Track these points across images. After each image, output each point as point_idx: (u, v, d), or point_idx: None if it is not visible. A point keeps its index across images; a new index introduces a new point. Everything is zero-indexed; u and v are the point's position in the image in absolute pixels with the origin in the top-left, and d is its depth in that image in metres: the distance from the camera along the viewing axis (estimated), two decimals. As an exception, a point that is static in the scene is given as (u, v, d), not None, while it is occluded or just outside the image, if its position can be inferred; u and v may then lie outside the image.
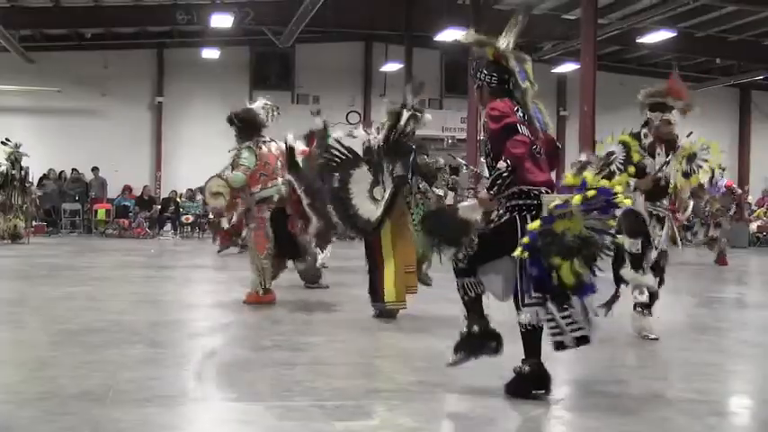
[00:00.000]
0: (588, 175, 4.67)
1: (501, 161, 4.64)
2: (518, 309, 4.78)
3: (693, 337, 7.56)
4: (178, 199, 23.97)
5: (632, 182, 6.61)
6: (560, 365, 5.42)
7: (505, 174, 4.62)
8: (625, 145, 6.95)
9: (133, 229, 22.69)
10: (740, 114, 28.67)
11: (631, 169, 6.29)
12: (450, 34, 21.18)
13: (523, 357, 4.79)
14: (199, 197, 21.93)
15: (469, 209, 4.86)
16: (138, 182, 24.49)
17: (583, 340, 4.75)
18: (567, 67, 24.11)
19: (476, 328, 4.87)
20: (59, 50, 24.90)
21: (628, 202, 4.77)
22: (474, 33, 5.21)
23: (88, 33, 24.47)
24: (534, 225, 4.54)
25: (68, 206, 23.21)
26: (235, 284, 10.01)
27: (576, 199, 4.52)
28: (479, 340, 4.88)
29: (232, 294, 9.26)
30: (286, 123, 9.25)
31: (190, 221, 23.22)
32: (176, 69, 25.64)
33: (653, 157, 7.05)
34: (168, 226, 23.43)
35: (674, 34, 21.03)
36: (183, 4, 21.96)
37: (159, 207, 23.96)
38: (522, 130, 4.68)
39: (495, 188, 4.65)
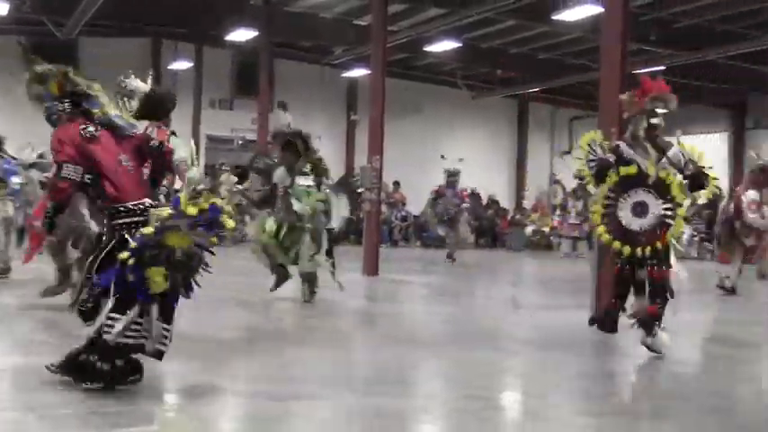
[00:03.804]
0: (183, 196, 4.76)
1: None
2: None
3: (472, 337, 7.89)
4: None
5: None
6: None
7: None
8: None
9: None
10: (518, 124, 30.18)
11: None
12: (242, 34, 21.04)
13: (93, 351, 4.73)
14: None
15: None
16: None
17: (138, 348, 4.75)
18: (358, 72, 24.51)
19: (105, 365, 4.69)
20: None
21: (230, 224, 4.79)
22: (35, 70, 5.10)
23: None
24: (147, 231, 4.57)
25: None
26: None
27: (191, 210, 4.56)
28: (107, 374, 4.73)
29: None
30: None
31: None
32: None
33: None
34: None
35: (459, 45, 21.86)
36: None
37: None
38: (68, 169, 4.71)
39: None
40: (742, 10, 18.01)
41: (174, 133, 7.93)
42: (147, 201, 4.79)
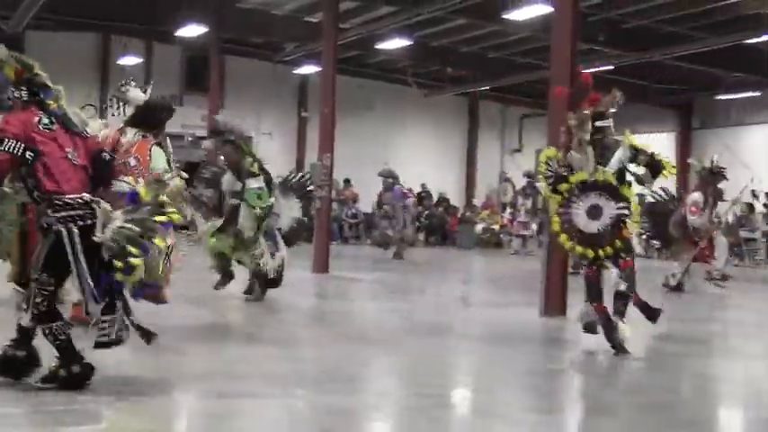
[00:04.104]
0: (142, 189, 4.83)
1: None
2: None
3: (423, 334, 7.92)
4: None
5: None
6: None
7: None
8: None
9: None
10: (469, 122, 30.32)
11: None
12: (192, 30, 20.85)
13: (63, 362, 4.73)
14: None
15: None
16: None
17: (117, 341, 4.80)
18: (309, 69, 24.42)
19: (76, 368, 4.72)
20: None
21: (178, 218, 4.91)
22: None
23: None
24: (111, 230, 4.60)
25: None
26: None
27: (145, 194, 4.71)
28: (83, 376, 4.75)
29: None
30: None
31: None
32: None
33: None
34: None
35: (411, 43, 21.91)
36: None
37: None
38: (9, 143, 4.64)
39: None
40: (689, 12, 18.29)
41: (159, 144, 7.79)
42: (87, 196, 4.72)
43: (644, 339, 7.76)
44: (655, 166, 7.02)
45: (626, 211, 6.81)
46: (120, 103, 7.60)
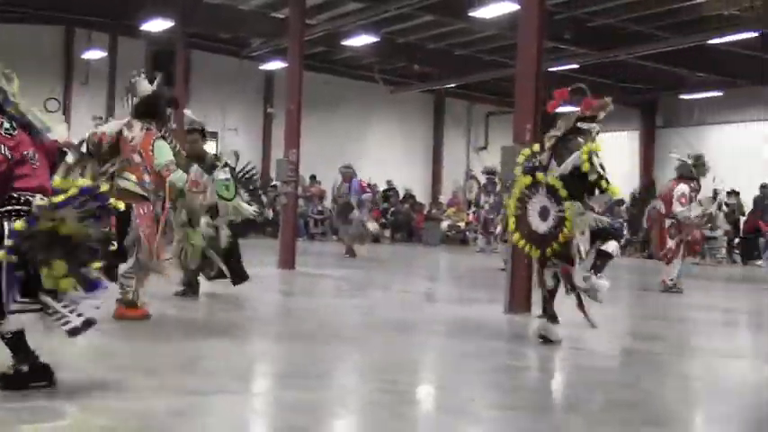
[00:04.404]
0: (57, 179, 4.73)
1: None
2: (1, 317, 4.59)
3: (388, 331, 7.93)
4: None
5: None
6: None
7: None
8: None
9: None
10: (435, 119, 30.39)
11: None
12: (157, 24, 20.70)
13: (16, 360, 4.65)
14: None
15: None
16: None
17: (87, 324, 4.66)
18: (275, 65, 24.34)
19: (24, 367, 4.64)
20: None
21: (120, 205, 4.82)
22: None
23: None
24: (18, 225, 4.45)
25: None
26: None
27: (56, 198, 4.51)
28: (31, 376, 4.65)
29: None
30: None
31: None
32: None
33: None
34: None
35: (377, 39, 21.91)
36: None
37: None
38: None
39: None
40: (654, 11, 18.48)
41: (163, 137, 7.71)
42: (39, 195, 4.61)
43: (608, 337, 7.82)
44: (596, 184, 6.94)
45: (563, 214, 6.87)
46: (130, 95, 7.62)
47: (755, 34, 18.02)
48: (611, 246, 7.14)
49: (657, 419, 4.92)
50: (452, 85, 27.60)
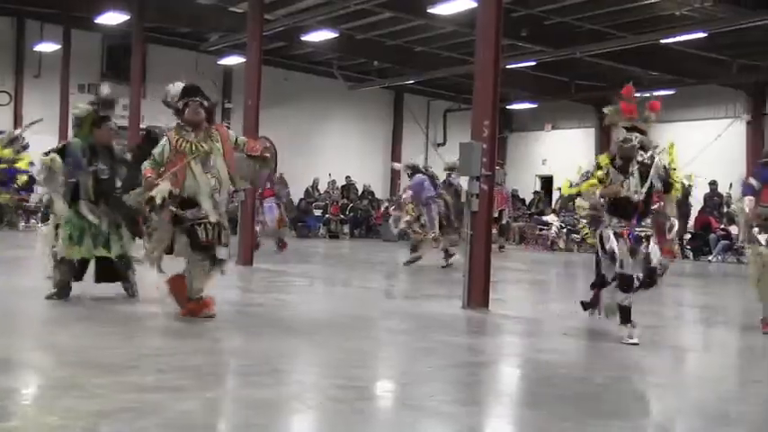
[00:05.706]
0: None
1: None
2: None
3: (347, 326, 7.93)
4: None
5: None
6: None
7: None
8: (597, 164, 7.42)
9: None
10: (394, 115, 30.41)
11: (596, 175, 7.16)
12: (113, 17, 20.46)
13: None
14: None
15: None
16: None
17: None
18: (233, 60, 24.18)
19: None
20: None
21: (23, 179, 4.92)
22: None
23: None
24: None
25: None
26: None
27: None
28: None
29: None
30: None
31: None
32: None
33: (624, 174, 7.32)
34: None
35: (336, 35, 21.86)
36: None
37: None
38: None
39: None
40: (608, 10, 18.67)
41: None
42: None
43: (566, 331, 7.89)
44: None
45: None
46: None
47: (704, 34, 18.37)
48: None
49: (617, 413, 4.97)
50: (411, 82, 27.62)
